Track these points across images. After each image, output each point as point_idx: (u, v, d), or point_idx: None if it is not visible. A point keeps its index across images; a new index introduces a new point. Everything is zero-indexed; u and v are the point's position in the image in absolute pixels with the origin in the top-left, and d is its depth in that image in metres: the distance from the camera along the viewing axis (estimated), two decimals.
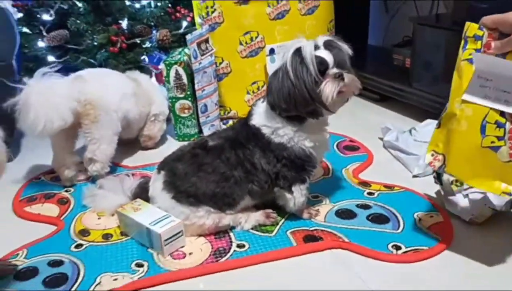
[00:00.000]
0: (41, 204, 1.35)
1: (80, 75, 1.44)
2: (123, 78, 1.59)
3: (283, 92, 1.07)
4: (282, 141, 1.13)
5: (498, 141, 0.92)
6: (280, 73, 1.09)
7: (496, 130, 0.93)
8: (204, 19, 1.76)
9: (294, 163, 1.14)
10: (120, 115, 1.48)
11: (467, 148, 0.95)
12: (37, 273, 1.06)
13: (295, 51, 1.07)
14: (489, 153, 0.93)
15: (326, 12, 1.98)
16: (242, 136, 1.16)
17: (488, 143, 0.93)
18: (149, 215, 1.14)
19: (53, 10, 1.70)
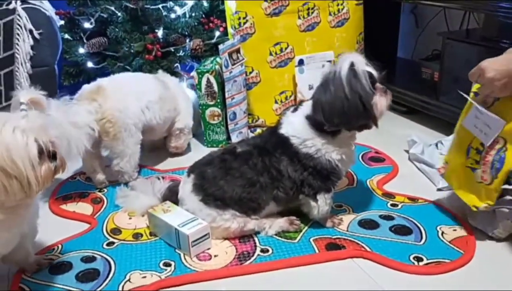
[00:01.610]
0: (75, 203, 1.42)
1: (101, 86, 1.42)
2: (150, 82, 1.57)
3: (336, 107, 1.09)
4: (309, 152, 1.16)
5: (476, 164, 1.13)
6: (331, 88, 1.09)
7: (476, 155, 1.13)
8: (236, 30, 1.82)
9: (320, 172, 1.17)
10: (140, 126, 1.48)
11: (456, 163, 1.19)
12: (71, 268, 1.12)
13: (349, 65, 1.08)
14: (470, 172, 1.15)
15: (356, 25, 2.01)
16: (270, 144, 1.20)
17: (469, 164, 1.15)
18: (178, 217, 1.19)
19: (93, 19, 1.79)
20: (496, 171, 1.07)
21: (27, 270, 1.10)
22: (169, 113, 1.61)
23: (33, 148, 0.86)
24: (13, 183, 0.85)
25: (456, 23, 2.26)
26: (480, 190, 1.12)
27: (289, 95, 1.93)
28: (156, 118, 1.53)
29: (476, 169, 1.12)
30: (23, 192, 0.87)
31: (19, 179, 0.85)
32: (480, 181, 1.11)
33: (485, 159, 1.10)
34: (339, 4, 1.93)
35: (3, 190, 0.84)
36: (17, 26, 1.54)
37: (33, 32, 1.57)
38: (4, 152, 0.83)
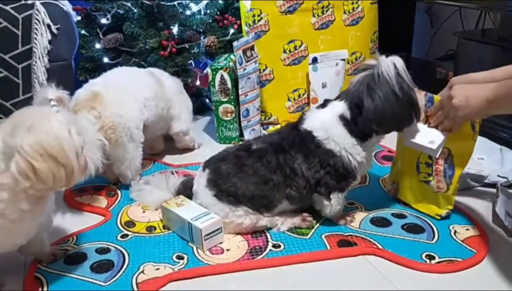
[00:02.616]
0: (90, 195, 1.44)
1: (97, 93, 1.36)
2: (144, 78, 1.53)
3: (388, 111, 1.09)
4: (333, 149, 1.15)
5: (428, 177, 1.23)
6: (379, 93, 1.09)
7: (427, 169, 1.23)
8: (250, 27, 1.83)
9: (337, 171, 1.17)
10: (141, 126, 1.45)
11: (409, 180, 1.28)
12: (85, 259, 1.14)
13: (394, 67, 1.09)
14: (424, 185, 1.24)
15: (371, 24, 2.00)
16: (287, 141, 1.20)
17: (422, 178, 1.24)
18: (191, 211, 1.20)
19: (110, 14, 1.81)
20: (450, 178, 1.20)
21: (42, 260, 1.12)
22: (162, 111, 1.56)
23: (76, 139, 0.92)
24: (61, 170, 0.90)
25: (471, 23, 2.25)
26: (437, 199, 1.23)
27: (302, 93, 1.93)
28: (151, 117, 1.50)
29: (430, 181, 1.22)
30: (66, 180, 0.91)
31: (66, 167, 0.90)
32: (437, 190, 1.22)
33: (436, 170, 1.20)
34: (354, 3, 1.93)
35: (52, 176, 0.89)
36: (36, 21, 1.57)
37: (51, 27, 1.59)
38: (56, 141, 0.89)
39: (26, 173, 0.87)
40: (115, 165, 1.43)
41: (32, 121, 0.90)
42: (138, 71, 1.58)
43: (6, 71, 1.58)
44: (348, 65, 1.94)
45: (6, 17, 1.55)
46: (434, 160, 1.20)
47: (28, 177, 0.87)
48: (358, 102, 1.13)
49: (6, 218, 0.92)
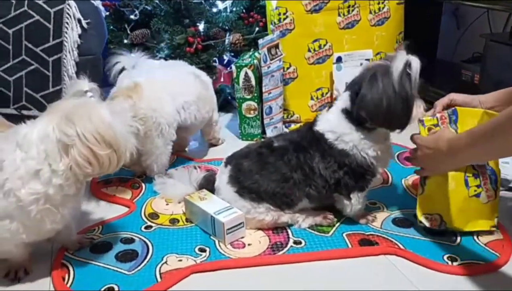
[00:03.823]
0: (115, 187, 1.47)
1: (138, 84, 1.40)
2: (189, 82, 1.55)
3: (382, 104, 1.08)
4: (345, 148, 1.16)
5: (477, 189, 1.15)
6: (379, 84, 1.08)
7: (475, 181, 1.15)
8: (275, 25, 1.84)
9: (354, 171, 1.17)
10: (175, 125, 1.47)
11: (459, 201, 1.15)
12: (110, 248, 1.16)
13: (405, 64, 1.07)
14: (475, 200, 1.15)
15: (396, 24, 1.99)
16: (306, 140, 1.21)
17: (473, 193, 1.15)
18: (214, 205, 1.22)
19: (138, 11, 1.84)
20: (495, 183, 1.15)
21: (69, 248, 1.15)
22: (207, 114, 1.61)
23: (123, 127, 1.01)
24: (114, 155, 0.98)
25: (499, 26, 2.21)
26: (487, 209, 1.16)
27: (325, 92, 1.93)
28: (191, 119, 1.52)
29: (480, 193, 1.15)
30: (117, 164, 0.99)
31: (117, 152, 0.98)
32: (487, 200, 1.15)
33: (484, 178, 1.14)
34: (380, 3, 1.92)
35: (108, 161, 0.96)
36: (67, 15, 1.61)
37: (81, 21, 1.63)
38: (110, 128, 0.96)
39: (88, 159, 0.94)
40: (144, 157, 1.46)
41: (87, 111, 0.96)
42: (185, 74, 1.59)
43: (37, 63, 1.63)
44: None
45: (39, 11, 1.60)
46: (478, 168, 1.14)
47: (90, 162, 0.95)
48: (358, 90, 1.12)
49: (53, 202, 0.97)
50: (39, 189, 0.95)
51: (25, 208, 0.95)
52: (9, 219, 0.96)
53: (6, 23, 1.59)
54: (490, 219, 1.16)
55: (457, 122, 1.16)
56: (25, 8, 1.59)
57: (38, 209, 0.96)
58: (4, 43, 1.60)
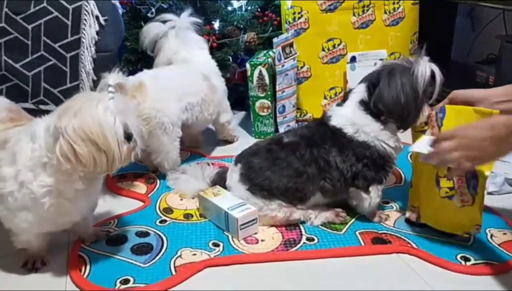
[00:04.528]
0: (131, 181, 1.49)
1: (143, 84, 1.41)
2: (196, 83, 1.55)
3: (401, 100, 1.10)
4: (366, 140, 1.17)
5: (450, 191, 1.10)
6: (398, 81, 1.10)
7: (448, 182, 1.10)
8: (290, 24, 1.84)
9: (375, 162, 1.18)
10: (179, 124, 1.47)
11: (431, 198, 1.13)
12: (126, 241, 1.18)
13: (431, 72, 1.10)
14: (447, 202, 1.11)
15: (411, 25, 1.99)
16: (318, 135, 1.21)
17: (444, 194, 1.10)
18: (227, 201, 1.23)
19: (154, 8, 1.86)
20: (474, 188, 1.07)
21: (85, 240, 1.17)
22: (210, 116, 1.60)
23: (120, 128, 0.94)
24: (102, 156, 0.92)
25: None
26: (463, 214, 1.10)
27: (338, 92, 1.94)
28: (193, 119, 1.53)
29: (453, 196, 1.10)
30: (107, 165, 0.94)
31: (107, 154, 0.93)
32: (462, 205, 1.09)
33: (458, 182, 1.08)
34: (395, 3, 1.92)
35: (93, 161, 0.92)
36: (85, 12, 1.63)
37: (99, 18, 1.65)
38: (98, 127, 0.91)
39: (67, 156, 0.91)
40: (153, 155, 1.48)
41: (79, 106, 0.93)
42: (193, 74, 1.58)
43: (55, 59, 1.65)
44: None
45: (58, 7, 1.62)
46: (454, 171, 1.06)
47: (69, 159, 0.91)
48: (376, 83, 1.14)
49: (64, 196, 0.98)
50: (48, 182, 0.95)
51: (38, 200, 0.96)
52: (26, 210, 0.98)
53: (26, 19, 1.61)
54: (465, 224, 1.11)
55: (443, 119, 1.11)
56: (44, 5, 1.61)
57: (50, 202, 0.97)
58: (24, 39, 1.62)
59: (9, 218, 1.01)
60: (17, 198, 0.97)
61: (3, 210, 1.01)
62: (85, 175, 0.96)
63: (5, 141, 1.00)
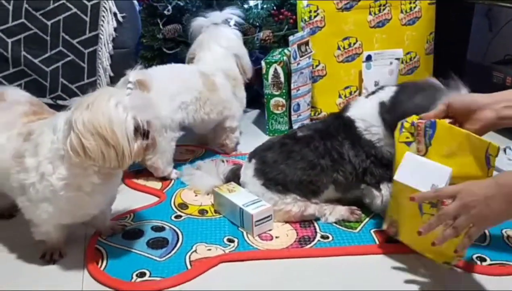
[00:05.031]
0: (146, 177, 1.51)
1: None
2: (190, 81, 1.50)
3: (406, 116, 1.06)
4: (372, 140, 1.17)
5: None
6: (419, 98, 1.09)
7: (431, 209, 0.98)
8: (306, 23, 1.84)
9: (381, 162, 1.18)
10: (174, 126, 1.44)
11: (411, 221, 1.02)
12: (142, 235, 1.20)
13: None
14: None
15: (427, 24, 1.98)
16: (333, 127, 1.22)
17: (427, 220, 0.96)
18: (242, 197, 1.24)
19: (170, 6, 1.87)
20: None
21: (102, 233, 1.19)
22: (207, 116, 1.53)
23: (131, 124, 0.93)
24: (110, 151, 0.92)
25: None
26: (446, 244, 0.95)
27: (353, 91, 1.93)
28: (189, 119, 1.48)
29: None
30: (117, 161, 0.94)
31: (116, 149, 0.92)
32: None
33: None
34: (411, 2, 1.91)
35: (101, 156, 0.92)
36: (103, 8, 1.65)
37: (117, 15, 1.67)
38: (107, 122, 0.91)
39: (76, 149, 0.91)
40: (147, 157, 1.42)
41: (92, 100, 0.93)
42: (188, 71, 1.56)
43: (73, 55, 1.67)
44: (402, 65, 1.93)
45: (76, 4, 1.64)
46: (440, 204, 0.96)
47: (78, 153, 0.91)
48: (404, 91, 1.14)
49: (82, 190, 0.99)
50: (66, 175, 0.97)
51: (57, 193, 0.98)
52: (47, 202, 1.00)
53: (45, 15, 1.63)
54: (445, 253, 1.00)
55: (432, 138, 1.01)
56: (63, 1, 1.63)
57: (69, 195, 0.98)
58: (43, 35, 1.65)
59: (30, 209, 1.03)
60: (38, 190, 0.98)
61: (25, 201, 1.02)
62: (99, 170, 0.97)
63: (30, 133, 1.02)
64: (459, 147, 0.96)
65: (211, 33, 1.62)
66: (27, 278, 1.07)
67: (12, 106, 1.12)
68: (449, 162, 0.97)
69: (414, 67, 1.99)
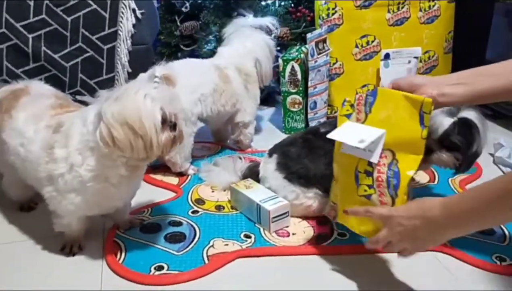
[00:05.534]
0: (163, 173, 1.52)
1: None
2: (208, 73, 1.53)
3: None
4: None
5: (369, 189, 0.96)
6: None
7: (367, 179, 0.96)
8: (323, 20, 1.84)
9: None
10: (194, 119, 1.47)
11: (349, 197, 0.99)
12: (160, 229, 1.21)
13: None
14: (366, 202, 0.96)
15: (446, 23, 1.96)
16: None
17: (362, 192, 0.96)
18: (259, 193, 1.24)
19: (188, 3, 1.88)
20: (395, 189, 0.93)
21: (120, 226, 1.20)
22: (223, 108, 1.56)
23: (158, 115, 0.95)
24: (139, 141, 0.93)
25: None
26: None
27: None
28: (207, 112, 1.51)
29: (371, 195, 0.96)
30: (145, 152, 0.95)
31: (144, 139, 0.93)
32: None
33: (378, 180, 0.94)
34: (430, 1, 1.90)
35: (129, 146, 0.93)
36: (122, 5, 1.66)
37: (135, 11, 1.68)
38: (135, 112, 0.92)
39: (106, 140, 0.93)
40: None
41: (122, 92, 0.95)
42: (204, 64, 1.58)
43: (93, 51, 1.69)
44: (420, 63, 1.91)
45: (96, 0, 1.66)
46: (374, 166, 0.95)
47: (107, 143, 0.93)
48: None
49: (109, 181, 1.01)
50: (95, 166, 0.98)
51: (85, 184, 0.99)
52: (75, 193, 1.01)
53: (66, 11, 1.65)
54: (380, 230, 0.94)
55: (373, 105, 0.98)
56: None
57: (97, 187, 1.00)
58: (63, 30, 1.66)
59: (56, 200, 1.04)
60: (66, 180, 1.00)
61: (52, 191, 1.04)
62: (127, 161, 0.98)
63: (60, 125, 1.04)
64: (395, 109, 0.94)
65: (241, 33, 1.65)
66: (47, 269, 1.08)
67: (37, 100, 1.14)
68: (385, 125, 0.95)
69: (432, 66, 1.97)
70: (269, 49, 1.68)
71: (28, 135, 1.07)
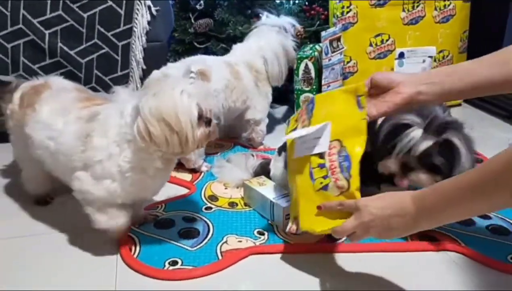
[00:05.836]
0: (176, 169, 1.52)
1: (168, 76, 1.37)
2: (220, 70, 1.53)
3: None
4: None
5: (324, 180, 0.97)
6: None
7: (321, 171, 0.98)
8: (338, 18, 1.84)
9: None
10: None
11: (308, 198, 0.99)
12: (173, 225, 1.21)
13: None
14: (324, 194, 0.97)
15: (461, 22, 1.95)
16: None
17: (318, 186, 0.97)
18: (273, 191, 1.25)
19: (202, 0, 1.88)
20: (348, 170, 0.95)
21: (135, 222, 1.21)
22: (234, 104, 1.57)
23: (195, 110, 0.96)
24: (174, 137, 0.95)
25: None
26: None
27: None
28: (219, 107, 1.51)
29: (328, 185, 0.96)
30: (180, 147, 0.97)
31: (180, 135, 0.95)
32: (339, 192, 0.96)
33: (331, 167, 0.96)
34: (446, 0, 1.88)
35: (165, 141, 0.95)
36: (138, 2, 1.67)
37: (151, 8, 1.69)
38: (172, 108, 0.94)
39: (142, 135, 0.95)
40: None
41: (159, 88, 0.97)
42: (216, 61, 1.58)
43: (108, 47, 1.71)
44: (435, 63, 1.90)
45: None
46: (326, 157, 0.98)
47: (144, 138, 0.95)
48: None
49: (146, 173, 1.03)
50: (132, 158, 1.00)
51: (123, 174, 1.01)
52: (111, 179, 1.03)
53: (82, 7, 1.67)
54: (346, 216, 0.93)
55: (313, 110, 1.03)
56: None
57: (134, 178, 1.02)
58: (79, 27, 1.68)
59: (89, 184, 1.04)
60: (105, 167, 1.01)
61: (87, 176, 1.04)
62: (163, 155, 1.01)
63: (95, 114, 1.05)
64: (333, 103, 1.00)
65: (259, 31, 1.66)
66: (63, 262, 1.09)
67: (60, 94, 1.15)
68: (327, 119, 0.99)
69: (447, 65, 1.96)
70: (283, 50, 1.68)
71: (57, 128, 1.08)
